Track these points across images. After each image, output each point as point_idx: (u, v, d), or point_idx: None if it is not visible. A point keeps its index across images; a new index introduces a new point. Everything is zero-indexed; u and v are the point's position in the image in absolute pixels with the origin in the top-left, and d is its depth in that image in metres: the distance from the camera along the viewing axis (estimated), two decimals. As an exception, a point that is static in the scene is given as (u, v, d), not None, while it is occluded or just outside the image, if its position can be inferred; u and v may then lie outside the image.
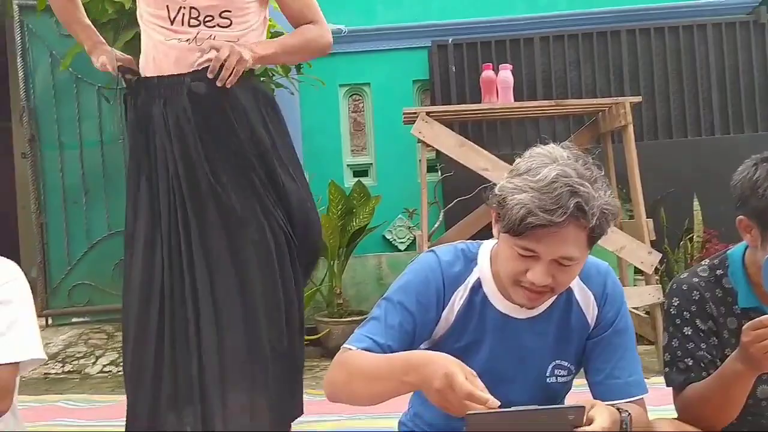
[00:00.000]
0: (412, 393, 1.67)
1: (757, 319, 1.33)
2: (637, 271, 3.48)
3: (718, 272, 1.59)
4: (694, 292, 1.57)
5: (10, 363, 1.52)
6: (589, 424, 1.20)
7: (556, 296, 1.42)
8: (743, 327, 1.36)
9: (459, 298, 1.45)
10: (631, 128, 3.22)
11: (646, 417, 1.44)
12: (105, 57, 2.00)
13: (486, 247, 1.49)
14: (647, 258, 3.06)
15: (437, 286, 1.44)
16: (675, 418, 1.57)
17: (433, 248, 1.52)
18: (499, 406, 1.17)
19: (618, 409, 1.29)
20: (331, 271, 3.90)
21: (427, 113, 3.24)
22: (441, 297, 1.44)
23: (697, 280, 1.59)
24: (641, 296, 3.10)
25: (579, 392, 1.50)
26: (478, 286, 1.45)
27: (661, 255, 3.15)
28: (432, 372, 1.19)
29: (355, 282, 4.19)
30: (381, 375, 1.29)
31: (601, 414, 1.21)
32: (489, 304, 1.45)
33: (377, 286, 4.24)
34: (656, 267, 3.15)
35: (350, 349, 1.39)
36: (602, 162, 3.91)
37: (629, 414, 1.30)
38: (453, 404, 1.17)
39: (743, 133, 4.35)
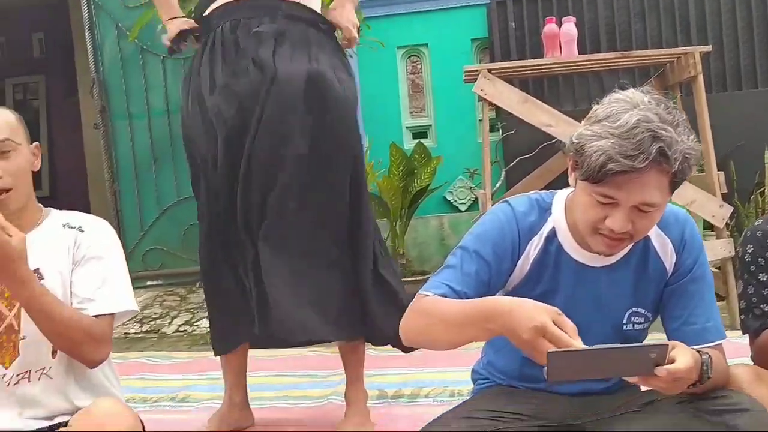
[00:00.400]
0: (485, 343, 1.71)
1: None
2: (707, 225, 3.40)
3: None
4: None
5: (108, 314, 1.62)
6: (671, 364, 1.21)
7: (633, 244, 1.42)
8: None
9: (534, 247, 1.46)
10: (701, 79, 3.12)
11: (725, 362, 1.44)
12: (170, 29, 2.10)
13: (560, 196, 1.49)
14: (718, 212, 2.99)
15: (512, 236, 1.45)
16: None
17: (506, 199, 1.54)
18: None
19: (698, 352, 1.29)
20: (393, 232, 3.95)
21: (489, 70, 3.21)
22: (516, 247, 1.45)
23: None
24: (712, 250, 3.04)
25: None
26: (552, 236, 1.46)
27: (732, 209, 3.07)
28: (518, 323, 1.20)
29: (417, 243, 4.23)
30: (462, 321, 1.32)
31: (683, 354, 1.22)
32: (564, 253, 1.46)
33: (439, 246, 4.28)
34: (726, 221, 3.08)
35: (427, 295, 1.42)
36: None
37: (709, 357, 1.30)
38: (543, 353, 1.18)
39: (820, 81, 4.16)
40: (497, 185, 3.84)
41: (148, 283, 4.46)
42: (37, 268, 1.59)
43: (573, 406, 1.53)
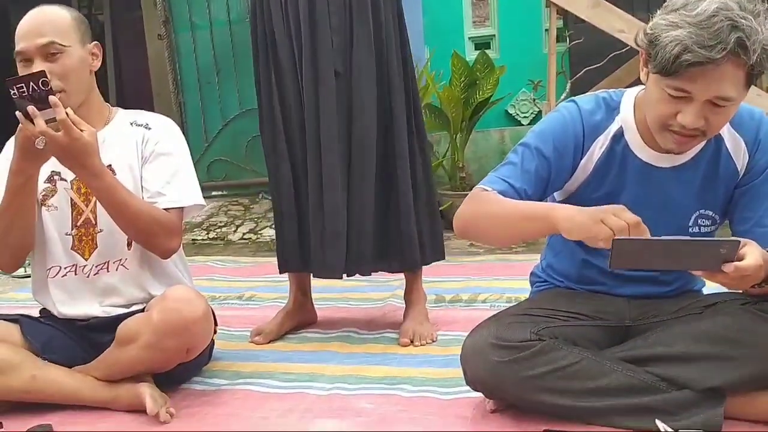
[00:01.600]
0: (545, 246, 1.71)
1: None
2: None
3: None
4: None
5: (177, 207, 1.69)
6: (739, 261, 1.19)
7: (704, 142, 1.38)
8: None
9: (599, 147, 1.44)
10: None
11: None
12: None
13: (630, 94, 1.45)
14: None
15: (576, 133, 1.43)
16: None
17: (573, 98, 1.50)
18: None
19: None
20: (453, 144, 3.91)
21: (558, -26, 3.07)
22: (580, 145, 1.43)
23: None
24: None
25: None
26: (620, 135, 1.43)
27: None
28: (591, 220, 1.24)
29: (478, 156, 4.18)
30: (520, 218, 1.35)
31: (753, 252, 1.20)
32: (630, 152, 1.43)
33: (500, 160, 4.13)
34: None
35: (486, 190, 1.43)
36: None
37: None
38: (604, 237, 1.20)
39: None
40: (562, 96, 3.72)
41: (213, 193, 4.58)
42: (109, 165, 1.66)
43: (631, 308, 1.54)
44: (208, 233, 4.02)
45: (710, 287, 1.62)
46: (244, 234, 3.96)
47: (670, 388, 1.37)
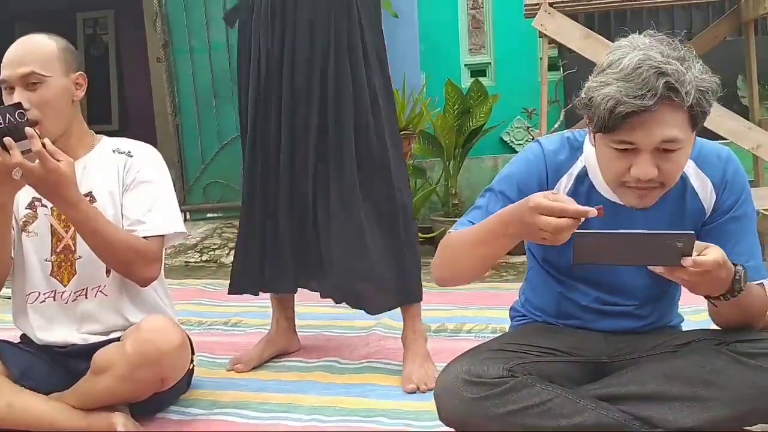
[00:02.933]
0: (523, 282, 1.71)
1: None
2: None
3: None
4: None
5: (157, 236, 1.69)
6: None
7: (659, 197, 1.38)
8: None
9: (563, 186, 1.45)
10: (778, 15, 2.93)
11: (767, 299, 1.40)
12: None
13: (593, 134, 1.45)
14: (787, 157, 2.85)
15: (539, 174, 1.45)
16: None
17: (539, 138, 1.52)
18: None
19: (734, 264, 1.27)
20: (446, 171, 3.93)
21: (550, 4, 3.09)
22: (544, 185, 1.44)
23: None
24: (779, 197, 2.91)
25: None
26: (583, 175, 1.44)
27: (803, 154, 2.92)
28: (521, 213, 1.24)
29: (471, 183, 4.19)
30: (485, 237, 1.35)
31: (714, 251, 1.21)
32: (595, 191, 1.43)
33: (494, 187, 4.21)
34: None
35: (452, 232, 1.45)
36: (738, 54, 3.62)
37: (744, 270, 1.28)
38: (550, 230, 1.21)
39: None
40: (556, 125, 3.74)
41: (208, 215, 4.60)
42: (90, 192, 1.67)
43: (608, 344, 1.53)
44: (201, 255, 4.03)
45: (690, 322, 1.62)
46: (236, 257, 3.96)
47: (643, 428, 1.36)
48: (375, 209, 1.98)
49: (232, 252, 4.01)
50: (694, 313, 1.81)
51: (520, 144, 4.35)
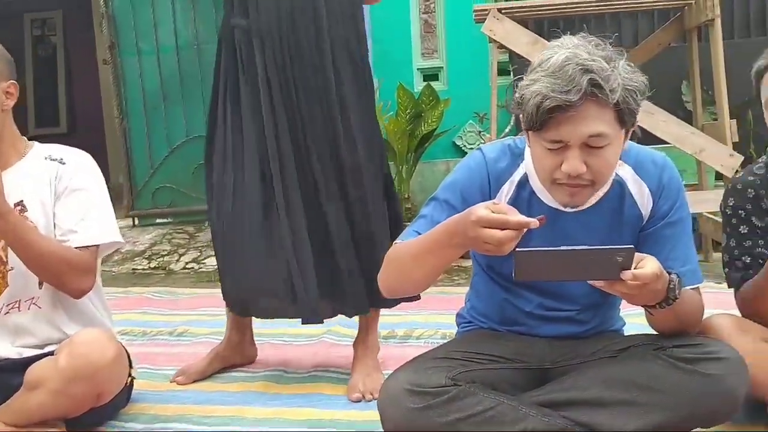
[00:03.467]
0: (469, 288, 1.71)
1: None
2: (719, 176, 3.33)
3: None
4: (749, 190, 1.54)
5: (91, 246, 1.64)
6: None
7: (607, 189, 1.40)
8: None
9: (505, 194, 1.46)
10: (718, 23, 3.00)
11: (701, 304, 1.44)
12: None
13: None
14: (728, 161, 2.92)
15: (481, 181, 1.46)
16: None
17: (481, 146, 1.53)
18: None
19: (668, 272, 1.29)
20: (399, 175, 3.92)
21: (499, 10, 3.12)
22: (486, 193, 1.45)
23: (752, 178, 1.55)
24: (720, 200, 2.98)
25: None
26: (524, 181, 1.45)
27: (743, 158, 2.99)
28: (464, 225, 1.24)
29: (424, 187, 4.20)
30: (431, 247, 1.34)
31: (651, 264, 1.23)
32: (536, 198, 1.45)
33: (447, 191, 4.22)
34: (738, 171, 3.01)
35: (397, 243, 1.44)
36: (683, 61, 3.68)
37: (678, 278, 1.30)
38: (494, 243, 1.21)
39: None
40: (506, 130, 3.78)
41: (158, 220, 4.51)
42: (21, 201, 1.61)
43: (551, 350, 1.54)
44: (149, 262, 3.94)
45: (632, 324, 1.64)
46: (186, 263, 3.89)
47: (584, 433, 1.37)
48: (347, 216, 1.93)
49: (182, 258, 3.97)
50: (636, 315, 1.83)
51: (472, 148, 4.36)
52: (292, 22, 1.88)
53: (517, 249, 1.19)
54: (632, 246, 1.21)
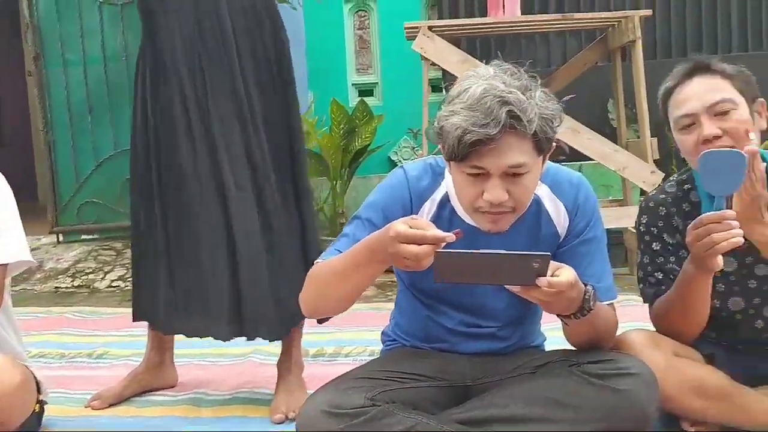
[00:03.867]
0: (393, 306, 1.70)
1: (698, 218, 1.34)
2: (644, 192, 3.44)
3: (686, 187, 1.59)
4: (661, 207, 1.58)
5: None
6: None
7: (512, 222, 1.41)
8: (688, 228, 1.36)
9: (426, 212, 1.46)
10: (639, 44, 3.11)
11: (615, 319, 1.47)
12: None
13: None
14: (649, 177, 3.02)
15: (403, 199, 1.46)
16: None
17: (403, 164, 1.53)
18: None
19: (584, 283, 1.31)
20: (333, 191, 3.91)
21: (429, 27, 3.16)
22: (408, 211, 1.45)
23: (663, 196, 1.59)
24: (642, 216, 3.07)
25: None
26: (446, 200, 1.46)
27: (663, 175, 3.10)
28: (384, 241, 1.24)
29: (359, 202, 4.10)
30: (352, 266, 1.33)
31: (567, 272, 1.25)
32: (457, 217, 1.45)
33: (382, 206, 4.22)
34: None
35: (319, 261, 1.42)
36: (609, 80, 3.80)
37: (594, 290, 1.33)
38: (412, 258, 1.21)
39: (762, 49, 4.19)
40: (438, 147, 3.80)
41: (83, 237, 4.35)
42: None
43: (472, 367, 1.54)
44: (73, 280, 3.79)
45: (553, 338, 1.66)
46: (112, 281, 3.76)
47: (503, 451, 1.37)
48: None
49: (107, 276, 3.84)
50: (557, 329, 1.85)
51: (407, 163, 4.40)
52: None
53: (437, 251, 1.20)
54: (548, 253, 1.23)
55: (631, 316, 1.47)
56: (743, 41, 4.23)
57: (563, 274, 1.25)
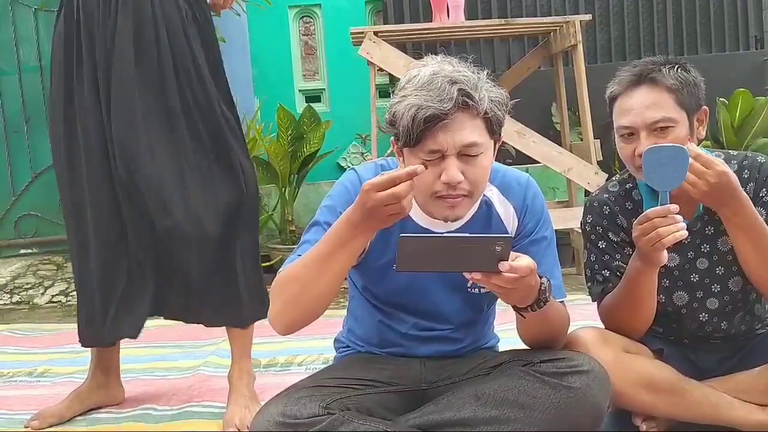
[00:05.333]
0: (346, 313, 1.68)
1: (643, 213, 1.37)
2: (588, 193, 3.51)
3: (628, 186, 1.63)
4: (605, 207, 1.61)
5: None
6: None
7: (475, 209, 1.42)
8: (633, 224, 1.39)
9: None
10: (580, 48, 3.18)
11: (567, 316, 1.48)
12: None
13: None
14: (593, 178, 3.08)
15: None
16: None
17: (354, 166, 1.53)
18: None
19: (539, 275, 1.32)
20: (282, 198, 3.86)
21: (375, 33, 3.15)
22: None
23: (607, 195, 1.63)
24: (588, 217, 3.13)
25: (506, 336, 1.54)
26: None
27: (607, 176, 3.16)
28: (360, 203, 1.24)
29: (309, 209, 4.14)
30: (331, 250, 1.31)
31: (526, 258, 1.27)
32: (409, 218, 1.44)
33: (331, 212, 4.19)
34: (602, 188, 3.17)
35: (282, 270, 1.39)
36: (553, 84, 3.87)
37: (549, 282, 1.35)
38: (393, 200, 1.21)
39: (697, 54, 4.34)
40: (388, 152, 3.80)
41: (21, 251, 4.18)
42: None
43: (427, 370, 1.54)
44: (11, 297, 3.65)
45: (506, 339, 1.66)
46: (53, 296, 3.63)
47: (460, 454, 1.36)
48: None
49: (48, 291, 3.70)
50: (511, 330, 1.86)
51: (356, 169, 4.38)
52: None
53: (401, 235, 1.20)
54: (510, 235, 1.24)
55: (581, 315, 1.49)
56: (679, 45, 4.37)
57: (522, 259, 1.26)
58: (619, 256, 1.58)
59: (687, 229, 1.38)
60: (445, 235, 1.24)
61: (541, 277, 1.33)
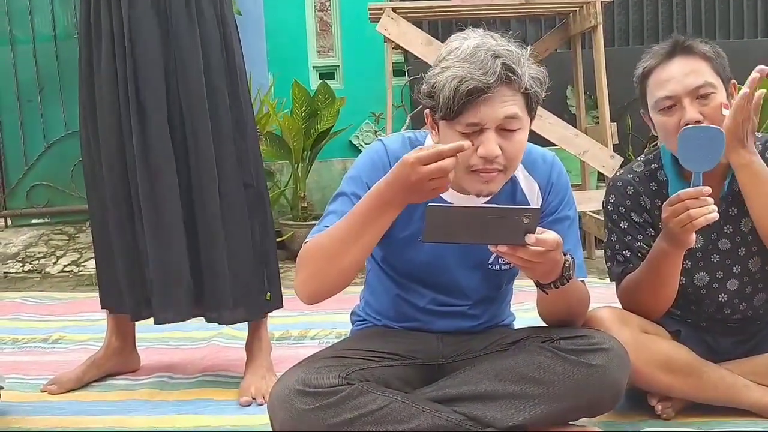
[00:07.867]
0: (363, 285, 1.68)
1: (674, 194, 1.36)
2: (601, 176, 3.50)
3: (653, 166, 1.62)
4: (629, 187, 1.60)
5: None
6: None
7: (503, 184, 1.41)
8: (663, 205, 1.38)
9: None
10: (600, 29, 3.15)
11: (587, 295, 1.48)
12: None
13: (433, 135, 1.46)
14: (609, 162, 3.06)
15: (385, 170, 1.40)
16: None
17: (380, 137, 1.51)
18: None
19: (564, 253, 1.32)
20: (295, 174, 3.85)
21: (393, 9, 3.12)
22: None
23: (631, 176, 1.62)
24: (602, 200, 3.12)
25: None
26: None
27: (623, 159, 3.15)
28: (402, 175, 1.22)
29: (321, 186, 4.15)
30: (361, 223, 1.29)
31: (552, 233, 1.26)
32: None
33: (343, 190, 4.19)
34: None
35: (309, 240, 1.39)
36: (571, 66, 3.82)
37: (573, 260, 1.34)
38: (439, 173, 1.20)
39: (715, 39, 4.30)
40: (402, 130, 3.79)
41: (33, 221, 4.20)
42: None
43: (444, 345, 1.54)
44: (23, 265, 3.66)
45: (521, 319, 1.67)
46: (65, 266, 3.64)
47: (476, 427, 1.37)
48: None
49: (60, 261, 3.71)
50: (526, 310, 1.87)
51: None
52: None
53: (429, 205, 1.20)
54: (538, 208, 1.25)
55: (593, 298, 1.49)
56: (698, 31, 4.33)
57: (549, 233, 1.26)
58: (641, 237, 1.58)
59: None
60: (472, 205, 1.22)
61: (565, 254, 1.33)
